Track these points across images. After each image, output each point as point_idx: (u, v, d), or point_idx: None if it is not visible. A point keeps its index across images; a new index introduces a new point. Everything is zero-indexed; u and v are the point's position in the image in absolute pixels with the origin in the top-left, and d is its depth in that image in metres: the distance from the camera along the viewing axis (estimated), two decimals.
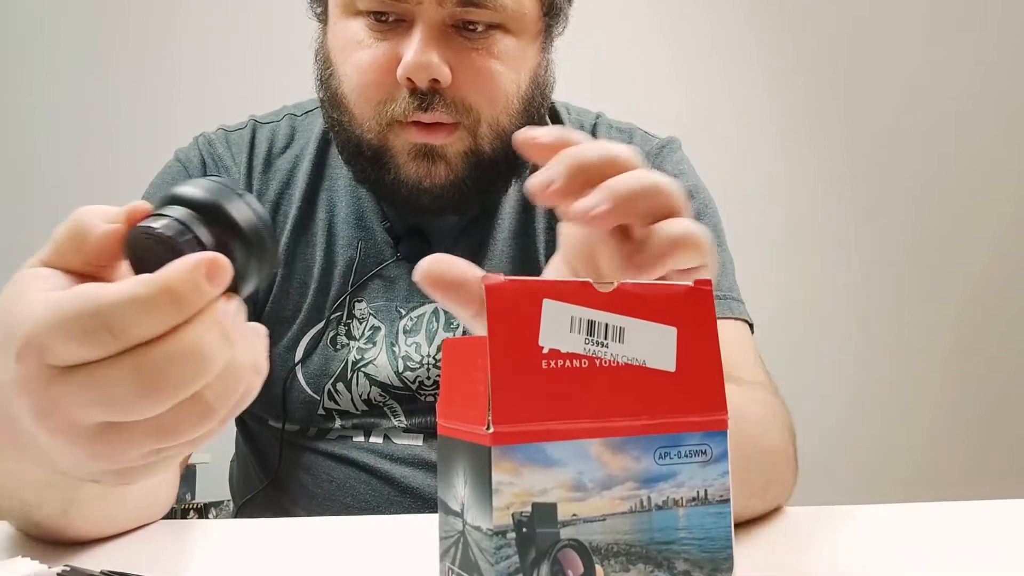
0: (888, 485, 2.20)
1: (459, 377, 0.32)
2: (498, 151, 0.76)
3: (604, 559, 0.29)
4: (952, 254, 2.34)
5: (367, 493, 0.80)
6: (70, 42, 2.11)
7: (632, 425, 0.30)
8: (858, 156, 2.35)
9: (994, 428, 2.30)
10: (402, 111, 0.72)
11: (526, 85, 0.77)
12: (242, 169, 0.84)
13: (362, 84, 0.74)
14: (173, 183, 0.81)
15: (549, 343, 0.30)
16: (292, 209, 0.83)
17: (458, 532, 0.30)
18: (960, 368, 2.32)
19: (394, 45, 0.72)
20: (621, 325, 0.30)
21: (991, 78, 2.38)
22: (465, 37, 0.72)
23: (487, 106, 0.74)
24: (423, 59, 0.70)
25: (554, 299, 0.30)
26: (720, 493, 0.30)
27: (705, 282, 0.32)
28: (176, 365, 0.31)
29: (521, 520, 0.28)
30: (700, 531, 0.30)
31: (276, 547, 0.60)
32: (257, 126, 0.87)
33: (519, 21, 0.74)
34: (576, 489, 0.29)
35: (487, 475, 0.28)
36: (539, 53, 0.79)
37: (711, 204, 0.87)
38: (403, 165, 0.75)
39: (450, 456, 0.31)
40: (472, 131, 0.74)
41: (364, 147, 0.76)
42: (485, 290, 0.29)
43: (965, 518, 0.64)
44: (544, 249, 0.84)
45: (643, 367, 0.30)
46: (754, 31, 2.33)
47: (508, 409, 0.28)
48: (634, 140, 0.88)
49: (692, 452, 0.30)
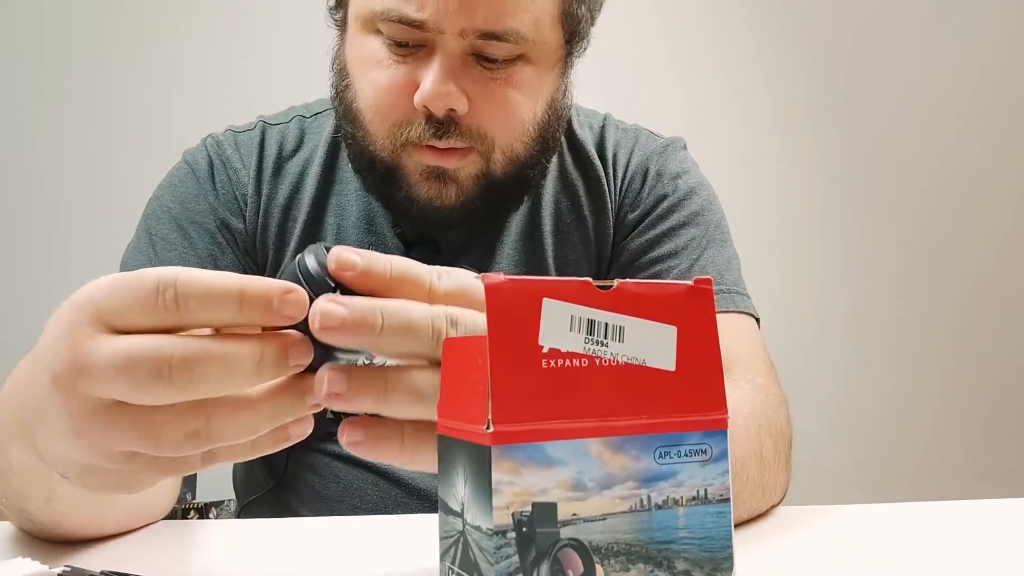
0: (888, 484, 2.20)
1: (459, 376, 0.32)
2: (510, 175, 0.76)
3: (604, 559, 0.29)
4: (953, 253, 2.34)
5: (375, 495, 0.80)
6: (70, 41, 2.11)
7: (632, 424, 0.30)
8: (859, 156, 2.35)
9: (995, 427, 2.30)
10: (417, 136, 0.72)
11: (543, 112, 0.76)
12: (252, 172, 0.83)
13: (378, 104, 0.73)
14: (182, 186, 0.82)
15: (549, 342, 0.29)
16: (302, 214, 0.82)
17: (458, 532, 0.30)
18: (961, 367, 2.32)
19: (413, 69, 0.71)
20: (621, 324, 0.30)
21: (992, 78, 2.38)
22: (484, 67, 0.71)
23: (502, 134, 0.73)
24: (441, 89, 0.69)
25: (554, 298, 0.30)
26: (720, 492, 0.30)
27: (705, 281, 0.32)
28: (228, 429, 0.37)
29: (521, 520, 0.28)
30: (700, 530, 0.30)
31: (277, 547, 0.59)
32: (266, 128, 0.86)
33: (540, 51, 0.73)
34: (576, 488, 0.29)
35: (487, 474, 0.28)
36: (558, 78, 0.78)
37: (714, 202, 0.87)
38: (414, 185, 0.74)
39: (450, 456, 0.31)
40: (485, 156, 0.74)
41: (377, 163, 0.75)
42: (485, 289, 0.29)
43: (966, 517, 0.64)
44: (552, 251, 0.83)
45: (643, 366, 0.30)
46: (756, 32, 2.33)
47: (508, 408, 0.28)
48: (639, 140, 0.88)
49: (692, 451, 0.30)
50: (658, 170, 0.85)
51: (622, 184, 0.86)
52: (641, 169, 0.86)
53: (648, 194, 0.85)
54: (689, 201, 0.84)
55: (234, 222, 0.82)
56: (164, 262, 0.78)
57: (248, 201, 0.82)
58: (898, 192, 2.34)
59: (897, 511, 0.65)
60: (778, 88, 2.33)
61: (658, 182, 0.85)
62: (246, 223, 0.82)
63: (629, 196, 0.85)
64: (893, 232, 2.34)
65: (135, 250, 0.80)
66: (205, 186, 0.82)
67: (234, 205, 0.82)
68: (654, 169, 0.86)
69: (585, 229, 0.84)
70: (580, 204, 0.85)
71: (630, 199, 0.85)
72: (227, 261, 0.80)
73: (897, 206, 2.34)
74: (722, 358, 0.32)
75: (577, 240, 0.84)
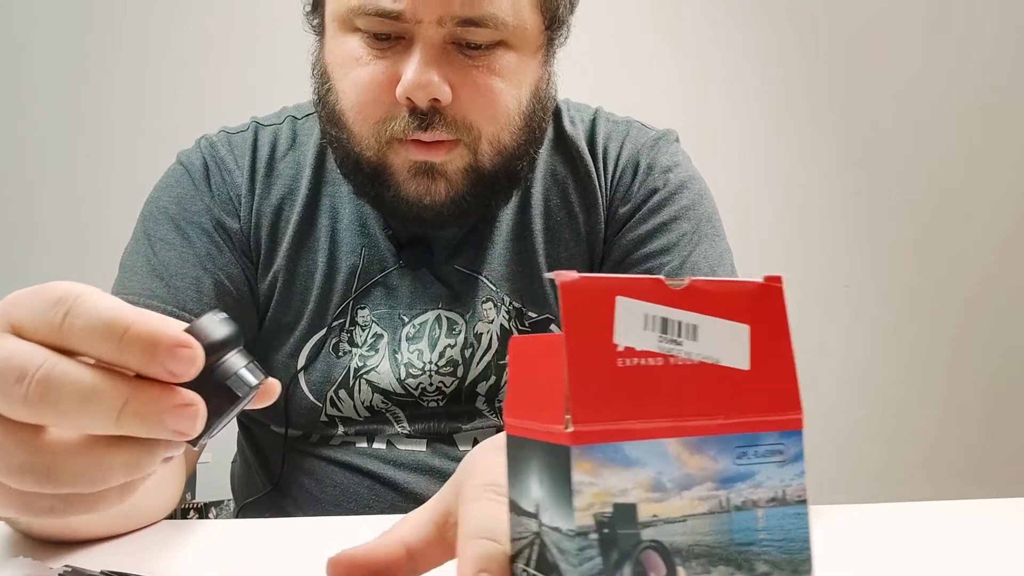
0: (889, 484, 2.21)
1: (530, 375, 0.31)
2: (498, 166, 0.75)
3: (685, 561, 0.28)
4: (953, 253, 2.35)
5: (370, 498, 0.79)
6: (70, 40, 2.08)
7: (709, 424, 0.29)
8: (857, 156, 2.35)
9: (996, 426, 2.32)
10: (401, 130, 0.71)
11: (527, 100, 0.76)
12: (245, 172, 0.82)
13: (360, 102, 0.72)
14: (178, 187, 0.80)
15: (624, 341, 0.29)
16: (294, 214, 0.82)
17: (533, 533, 0.29)
18: (962, 366, 2.34)
19: (393, 63, 0.71)
20: (694, 323, 0.30)
21: (991, 77, 2.40)
22: (465, 55, 0.71)
23: (488, 124, 0.73)
24: (423, 79, 0.68)
25: (627, 296, 0.29)
26: (798, 494, 0.30)
27: (775, 279, 0.32)
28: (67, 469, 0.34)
29: (602, 521, 0.27)
30: (779, 532, 0.29)
31: (276, 547, 0.59)
32: (259, 128, 0.85)
33: (520, 37, 0.73)
34: (655, 489, 0.28)
35: (566, 475, 0.27)
36: (541, 67, 0.78)
37: (706, 195, 0.86)
38: (403, 183, 0.74)
39: (521, 456, 0.30)
40: (472, 148, 0.73)
41: (363, 164, 0.74)
42: (559, 288, 0.29)
43: (967, 516, 0.65)
44: (544, 249, 0.83)
45: (717, 365, 0.30)
46: (753, 30, 2.33)
47: (587, 408, 0.28)
48: (630, 132, 0.88)
49: (769, 452, 0.30)
50: (649, 163, 0.85)
51: (613, 178, 0.85)
52: (632, 162, 0.85)
53: (639, 188, 0.84)
54: (680, 195, 0.84)
55: (229, 222, 0.81)
56: (163, 262, 0.77)
57: (242, 201, 0.81)
58: (897, 190, 2.35)
59: (897, 510, 0.65)
60: (775, 87, 2.34)
61: (649, 175, 0.84)
62: (240, 223, 0.81)
63: (620, 190, 0.84)
64: (893, 229, 2.34)
65: (133, 252, 0.79)
66: (200, 187, 0.81)
67: (229, 205, 0.81)
68: (645, 162, 0.85)
69: (576, 225, 0.84)
70: (570, 200, 0.84)
71: (621, 193, 0.84)
72: (224, 260, 0.80)
73: (897, 203, 2.35)
74: None
75: (569, 237, 0.84)
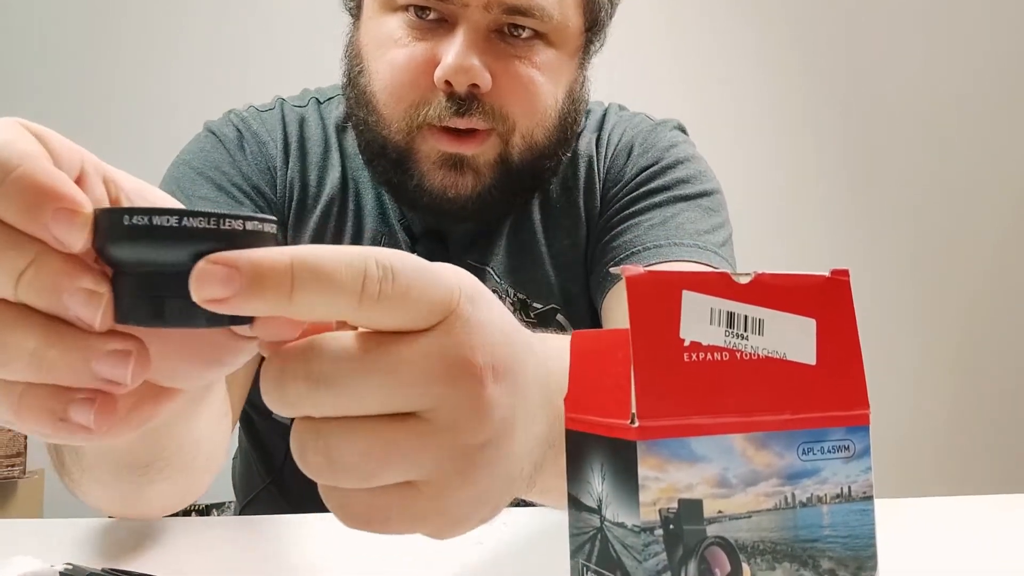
0: (890, 484, 2.20)
1: (592, 370, 0.31)
2: (527, 162, 0.74)
3: (751, 557, 0.28)
4: (953, 252, 2.34)
5: None
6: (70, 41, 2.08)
7: (775, 420, 0.29)
8: (858, 155, 2.34)
9: (998, 426, 2.31)
10: (436, 115, 0.69)
11: (563, 99, 0.75)
12: (279, 145, 0.81)
13: (395, 83, 0.71)
14: (214, 152, 0.79)
15: (690, 335, 0.29)
16: (324, 194, 0.80)
17: (595, 528, 0.29)
18: (963, 366, 2.32)
19: (433, 45, 0.69)
20: (760, 317, 0.30)
21: (992, 76, 2.37)
22: (508, 44, 0.70)
23: (524, 117, 0.72)
24: (465, 62, 0.67)
25: (693, 290, 0.29)
26: (863, 490, 0.30)
27: (842, 272, 0.31)
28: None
29: (668, 516, 0.27)
30: (844, 529, 0.29)
31: (278, 544, 0.59)
32: (286, 106, 0.84)
33: (562, 34, 0.72)
34: (721, 485, 0.28)
35: (632, 470, 0.27)
36: (577, 69, 0.77)
37: (706, 174, 0.83)
38: (428, 172, 0.72)
39: (582, 451, 0.30)
40: (505, 139, 0.72)
41: (389, 149, 0.73)
42: (625, 282, 0.28)
43: (967, 515, 0.64)
44: (544, 237, 0.81)
45: (784, 360, 0.30)
46: (754, 29, 2.31)
47: (653, 403, 0.28)
48: (634, 121, 0.86)
49: (835, 448, 0.29)
50: (644, 145, 0.83)
51: (608, 160, 0.84)
52: (627, 145, 0.84)
53: (631, 168, 0.82)
54: (673, 171, 0.81)
55: (267, 191, 0.80)
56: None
57: (277, 172, 0.80)
58: (897, 189, 2.33)
59: (897, 509, 0.65)
60: (776, 86, 2.32)
61: (643, 156, 0.83)
62: (276, 194, 0.80)
63: (613, 171, 0.83)
64: (892, 229, 2.33)
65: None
66: (236, 155, 0.79)
67: (267, 175, 0.80)
68: (639, 144, 0.83)
69: (576, 211, 0.82)
70: (568, 186, 0.83)
71: (614, 173, 0.83)
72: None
73: (896, 203, 2.33)
74: None
75: (569, 224, 0.82)
